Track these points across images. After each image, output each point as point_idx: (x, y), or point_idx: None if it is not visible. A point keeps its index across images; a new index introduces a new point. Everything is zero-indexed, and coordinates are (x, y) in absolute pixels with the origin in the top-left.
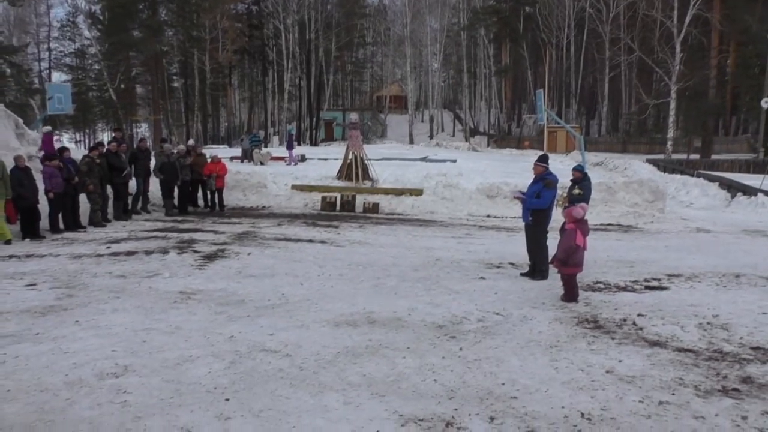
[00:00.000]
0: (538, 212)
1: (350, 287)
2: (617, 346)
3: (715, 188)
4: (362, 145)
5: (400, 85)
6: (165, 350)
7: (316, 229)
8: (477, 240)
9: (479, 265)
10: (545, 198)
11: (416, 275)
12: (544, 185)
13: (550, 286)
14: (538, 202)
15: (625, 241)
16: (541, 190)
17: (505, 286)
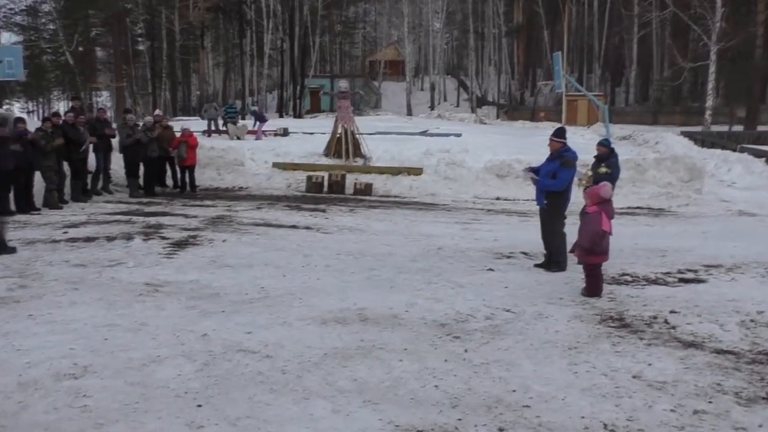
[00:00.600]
0: (555, 195)
1: (339, 280)
2: (646, 348)
3: (761, 165)
4: (353, 118)
5: (397, 48)
6: (129, 349)
7: (300, 214)
8: (485, 226)
9: (487, 254)
10: (562, 179)
11: (415, 266)
12: (561, 164)
13: (568, 279)
14: (553, 184)
15: (657, 226)
16: (557, 170)
17: (516, 279)
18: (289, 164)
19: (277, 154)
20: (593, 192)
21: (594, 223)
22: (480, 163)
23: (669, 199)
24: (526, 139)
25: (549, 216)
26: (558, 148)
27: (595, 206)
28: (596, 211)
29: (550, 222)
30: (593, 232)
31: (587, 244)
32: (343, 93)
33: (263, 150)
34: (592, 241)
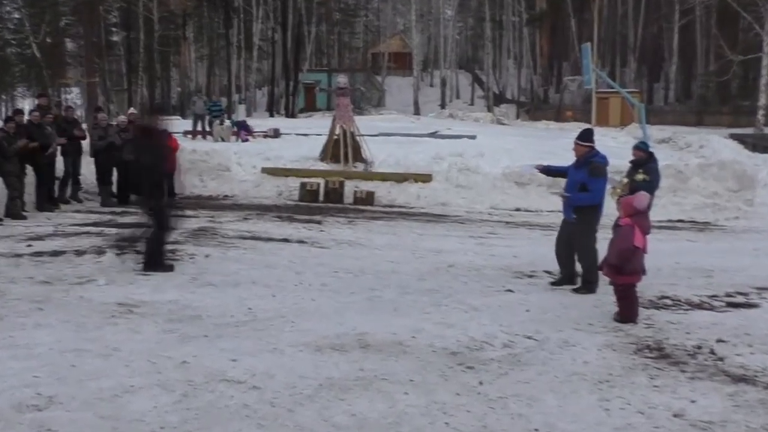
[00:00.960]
0: (585, 209)
1: (336, 301)
2: (689, 382)
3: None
4: (353, 117)
5: (403, 38)
6: (100, 378)
7: (292, 226)
8: (502, 241)
9: (505, 273)
10: (595, 190)
11: (422, 286)
12: (590, 171)
13: (598, 302)
14: (587, 197)
15: (701, 242)
16: (586, 180)
17: (539, 302)
18: (280, 170)
19: (267, 158)
20: (627, 202)
21: (625, 238)
22: (497, 168)
23: (715, 212)
24: (550, 141)
25: (579, 230)
26: (585, 152)
27: (628, 218)
28: (629, 224)
29: (579, 236)
30: (623, 248)
31: (616, 261)
32: (341, 89)
33: (251, 154)
34: (622, 257)
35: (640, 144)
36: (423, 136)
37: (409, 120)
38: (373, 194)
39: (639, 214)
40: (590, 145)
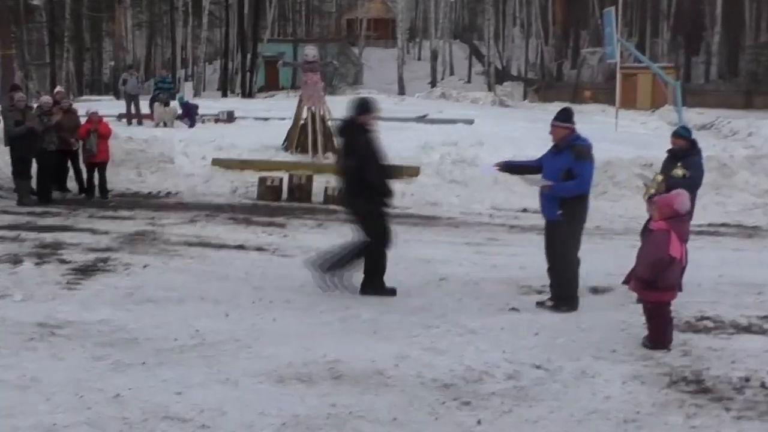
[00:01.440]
0: (572, 201)
1: (303, 321)
2: (735, 422)
3: None
4: (324, 98)
5: (385, 2)
6: (15, 414)
7: (250, 230)
8: (506, 249)
9: (509, 288)
10: (584, 176)
11: (408, 303)
12: (576, 155)
13: (625, 324)
14: (575, 185)
15: (749, 251)
16: (572, 164)
17: (551, 323)
18: (235, 161)
19: (219, 147)
20: (665, 202)
21: (658, 246)
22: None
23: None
24: None
25: (566, 230)
26: (566, 135)
27: (662, 221)
28: (663, 230)
29: (567, 237)
30: (656, 258)
31: (647, 274)
32: (310, 63)
33: (200, 142)
34: (654, 269)
35: (681, 130)
36: (409, 120)
37: (393, 101)
38: None
39: (677, 218)
40: (571, 126)
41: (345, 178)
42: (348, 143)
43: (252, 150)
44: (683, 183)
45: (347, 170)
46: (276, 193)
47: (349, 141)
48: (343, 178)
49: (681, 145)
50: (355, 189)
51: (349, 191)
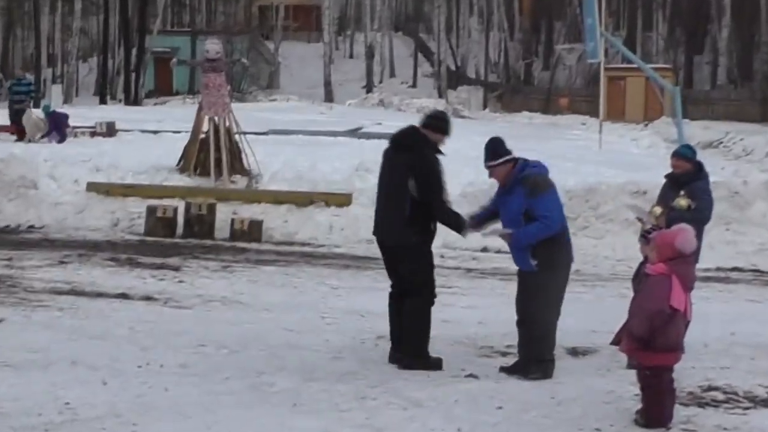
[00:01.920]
0: (546, 244)
1: (204, 391)
2: None
3: None
4: (230, 105)
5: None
6: None
7: (135, 273)
8: (462, 299)
9: (466, 349)
10: (546, 213)
11: (338, 368)
12: (528, 192)
13: (612, 395)
14: (539, 229)
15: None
16: (528, 205)
17: (518, 394)
18: (116, 186)
19: (97, 168)
20: (665, 240)
21: (656, 295)
22: (455, 186)
23: None
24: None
25: (538, 282)
26: (506, 172)
27: (662, 264)
28: (663, 274)
29: (535, 292)
30: (653, 310)
31: (642, 331)
32: (212, 62)
33: (71, 161)
34: (651, 325)
35: (683, 149)
36: (339, 135)
37: (318, 110)
38: (260, 225)
39: (680, 259)
40: (508, 158)
41: (386, 204)
42: (409, 163)
43: (138, 172)
44: (687, 216)
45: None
46: (169, 226)
47: (413, 160)
48: (381, 203)
49: (684, 168)
50: (403, 219)
51: (398, 220)
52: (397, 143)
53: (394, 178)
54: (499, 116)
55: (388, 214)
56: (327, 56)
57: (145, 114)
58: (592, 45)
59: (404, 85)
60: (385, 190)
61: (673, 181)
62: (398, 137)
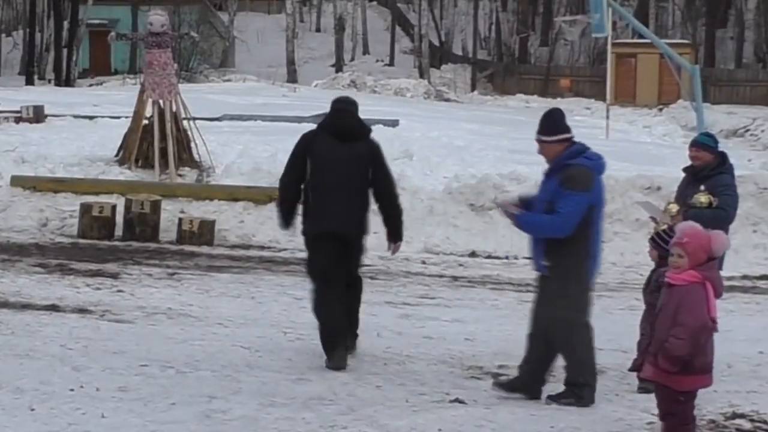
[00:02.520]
0: (563, 248)
1: (146, 419)
2: None
3: None
4: (177, 87)
5: None
6: None
7: (67, 281)
8: (446, 312)
9: (452, 369)
10: (564, 212)
11: (302, 392)
12: (562, 181)
13: (620, 426)
14: (544, 223)
15: None
16: (554, 195)
17: (511, 422)
18: (45, 180)
19: (22, 159)
20: (700, 243)
21: (698, 307)
22: (437, 181)
23: None
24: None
25: (553, 290)
26: (557, 152)
27: (693, 271)
28: (697, 282)
29: (552, 303)
30: (698, 326)
31: (687, 351)
32: (156, 37)
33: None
34: (696, 343)
35: (703, 138)
36: (304, 120)
37: (280, 92)
38: (212, 226)
39: (711, 263)
40: (564, 137)
41: (351, 195)
42: (368, 153)
43: (71, 164)
44: (709, 215)
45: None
46: (106, 227)
47: (372, 150)
48: (344, 194)
49: (704, 159)
50: (366, 211)
51: (361, 213)
52: (352, 132)
53: (358, 170)
54: (490, 99)
55: (354, 207)
56: (290, 30)
57: (78, 97)
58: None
59: (380, 64)
60: (349, 182)
61: (692, 175)
62: (351, 124)
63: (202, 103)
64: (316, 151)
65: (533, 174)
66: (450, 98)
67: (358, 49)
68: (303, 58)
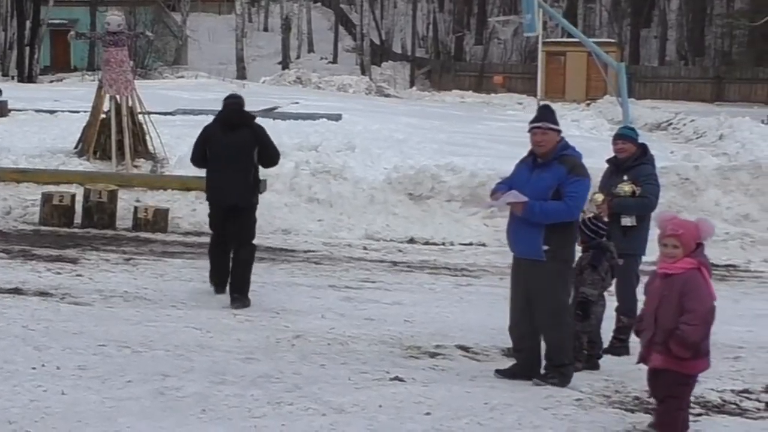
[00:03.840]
0: (561, 232)
1: (104, 395)
2: None
3: None
4: (133, 83)
5: None
6: None
7: (29, 267)
8: (387, 295)
9: (392, 349)
10: (578, 196)
11: (251, 371)
12: (569, 169)
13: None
14: (563, 208)
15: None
16: (564, 182)
17: (449, 399)
18: (8, 171)
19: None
20: (690, 233)
21: (702, 292)
22: (378, 171)
23: (746, 248)
24: (468, 125)
25: (552, 277)
26: (554, 144)
27: (688, 258)
28: (694, 268)
29: (550, 289)
30: (706, 310)
31: (700, 336)
32: (113, 35)
33: None
34: (706, 327)
35: (625, 131)
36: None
37: (230, 88)
38: (166, 214)
39: (701, 248)
40: (556, 128)
41: (236, 173)
42: (253, 136)
43: (32, 155)
44: (633, 203)
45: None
46: (66, 215)
47: (257, 134)
48: (231, 172)
49: (627, 151)
50: (249, 183)
51: (246, 187)
52: (237, 122)
53: (242, 150)
54: (428, 95)
55: (238, 180)
56: (239, 29)
57: (40, 92)
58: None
59: (324, 61)
60: (233, 161)
61: (616, 166)
62: (237, 116)
63: (157, 98)
64: (211, 139)
65: (468, 165)
66: (390, 94)
67: (303, 48)
68: (251, 56)
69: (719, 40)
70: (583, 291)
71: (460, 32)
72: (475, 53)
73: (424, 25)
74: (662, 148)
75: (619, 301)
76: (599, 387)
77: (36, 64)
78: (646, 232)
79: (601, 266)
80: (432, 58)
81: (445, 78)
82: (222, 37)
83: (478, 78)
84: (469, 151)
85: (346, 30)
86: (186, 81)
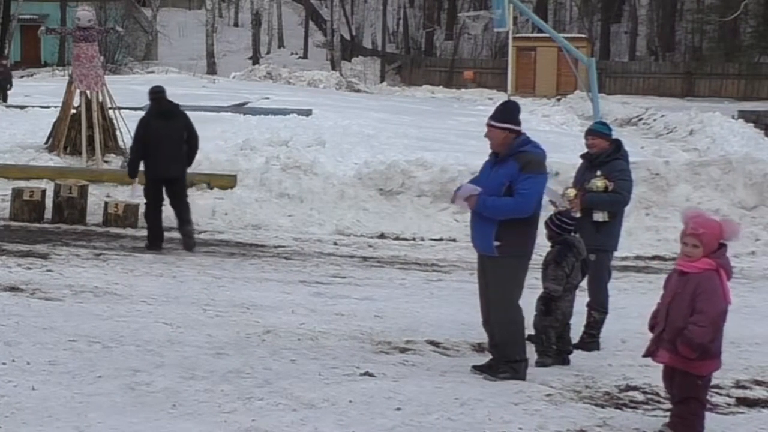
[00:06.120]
0: (515, 228)
1: (74, 391)
2: None
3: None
4: (104, 78)
5: None
6: None
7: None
8: (356, 290)
9: (362, 345)
10: (527, 193)
11: (221, 366)
12: (522, 166)
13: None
14: (510, 205)
15: None
16: (514, 179)
17: (419, 394)
18: None
19: None
20: (712, 231)
21: (716, 294)
22: (348, 167)
23: None
24: (439, 120)
25: (500, 271)
26: (505, 139)
27: (707, 258)
28: (711, 269)
29: (500, 284)
30: (717, 313)
31: (709, 337)
32: (84, 31)
33: None
34: (715, 330)
35: (598, 126)
36: (223, 110)
37: (200, 83)
38: (136, 209)
39: (723, 249)
40: (514, 127)
41: (171, 152)
42: (184, 122)
43: (3, 151)
44: (606, 199)
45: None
46: (36, 210)
47: (187, 121)
48: (167, 152)
49: (600, 146)
50: (183, 158)
51: (179, 162)
52: (172, 112)
53: (177, 133)
54: (398, 90)
55: (176, 157)
56: (209, 25)
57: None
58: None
59: (294, 56)
60: (172, 142)
61: (589, 161)
62: (171, 109)
63: (127, 93)
64: (149, 127)
65: (438, 160)
66: (360, 89)
67: (273, 43)
68: (222, 51)
69: (689, 35)
70: (546, 286)
71: (430, 27)
72: (446, 48)
73: (395, 21)
74: (632, 143)
75: (590, 296)
76: (569, 382)
77: (7, 59)
78: (619, 228)
79: (565, 262)
80: (402, 54)
81: (415, 73)
82: (192, 33)
83: (448, 73)
84: (440, 146)
85: (317, 25)
86: (156, 76)
